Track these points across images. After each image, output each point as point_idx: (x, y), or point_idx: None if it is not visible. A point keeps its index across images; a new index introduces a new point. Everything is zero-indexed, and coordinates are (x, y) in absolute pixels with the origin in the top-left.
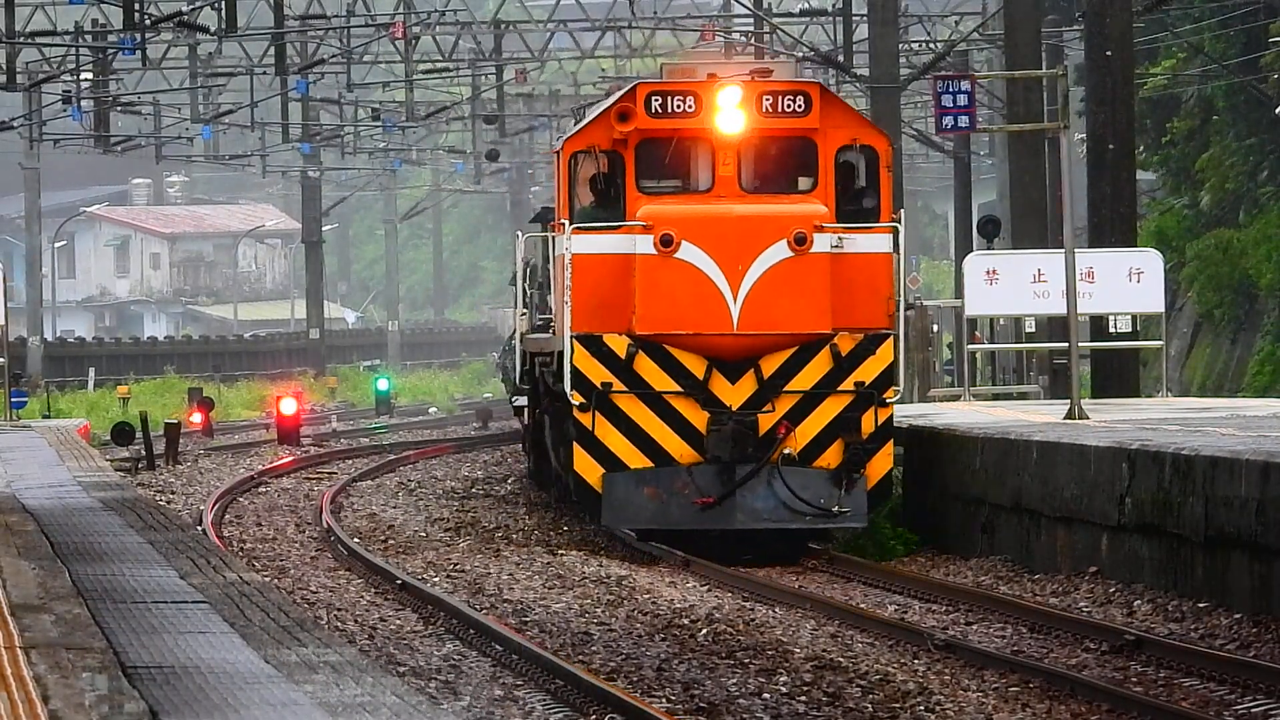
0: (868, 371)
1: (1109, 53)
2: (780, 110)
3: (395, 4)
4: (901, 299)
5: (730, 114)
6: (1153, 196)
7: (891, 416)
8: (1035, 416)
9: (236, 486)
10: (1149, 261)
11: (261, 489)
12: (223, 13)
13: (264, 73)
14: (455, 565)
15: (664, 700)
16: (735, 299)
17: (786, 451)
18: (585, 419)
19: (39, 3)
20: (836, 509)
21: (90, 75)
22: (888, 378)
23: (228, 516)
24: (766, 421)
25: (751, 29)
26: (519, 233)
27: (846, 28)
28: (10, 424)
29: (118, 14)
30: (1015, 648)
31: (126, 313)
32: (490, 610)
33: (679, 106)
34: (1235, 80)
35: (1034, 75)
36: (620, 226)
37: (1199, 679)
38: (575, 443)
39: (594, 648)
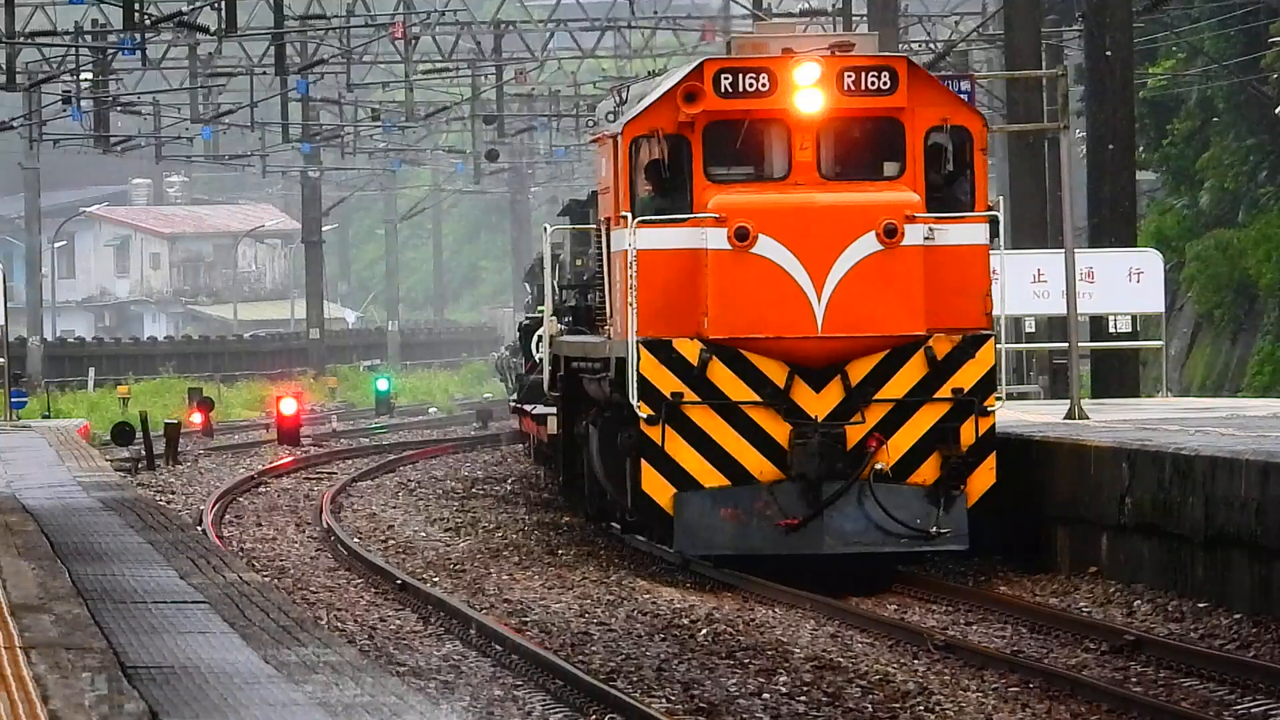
0: (966, 377)
1: (1109, 53)
2: (863, 88)
3: (395, 4)
4: (1003, 297)
5: (808, 93)
6: (1153, 196)
7: (994, 427)
8: (1035, 416)
9: (236, 487)
10: (1149, 261)
11: (261, 489)
12: (223, 13)
13: (264, 73)
14: (455, 565)
15: (664, 700)
16: (819, 298)
17: (878, 467)
18: (654, 433)
19: (39, 3)
20: (934, 530)
21: (90, 75)
22: (988, 383)
23: (228, 516)
24: (855, 434)
25: (752, 29)
26: (546, 226)
27: (846, 28)
28: (10, 424)
29: (118, 14)
30: (1015, 648)
31: (126, 313)
32: (490, 610)
33: (751, 85)
34: (1235, 80)
35: (1034, 75)
36: (689, 219)
37: (1199, 679)
38: (642, 459)
39: (594, 648)
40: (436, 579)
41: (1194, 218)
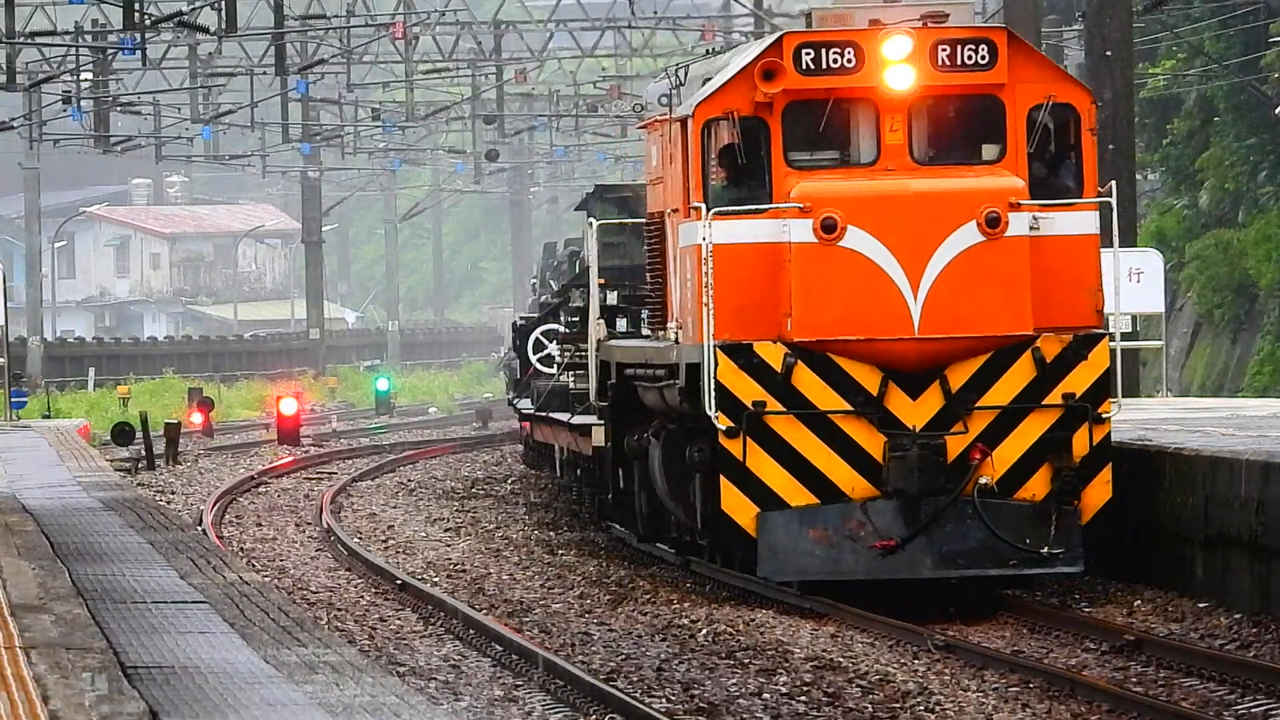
0: (1078, 381)
1: (1109, 53)
2: (959, 63)
3: (395, 4)
4: (1117, 291)
5: (899, 69)
6: (1153, 197)
7: (1109, 435)
8: None
9: (236, 487)
10: (1149, 261)
11: (261, 489)
12: (223, 13)
13: (264, 73)
14: (455, 565)
15: (664, 700)
16: (915, 295)
17: (982, 481)
18: (733, 446)
19: (39, 3)
20: (1046, 550)
21: (90, 75)
22: (1103, 388)
23: (228, 517)
24: (957, 445)
25: (751, 29)
26: (591, 220)
27: None
28: (10, 424)
29: (118, 14)
30: (1015, 648)
31: (126, 313)
32: (490, 610)
33: (836, 61)
34: (1235, 80)
35: None
36: (769, 210)
37: (1199, 679)
38: (721, 476)
39: (594, 648)
40: (436, 579)
41: (1194, 218)
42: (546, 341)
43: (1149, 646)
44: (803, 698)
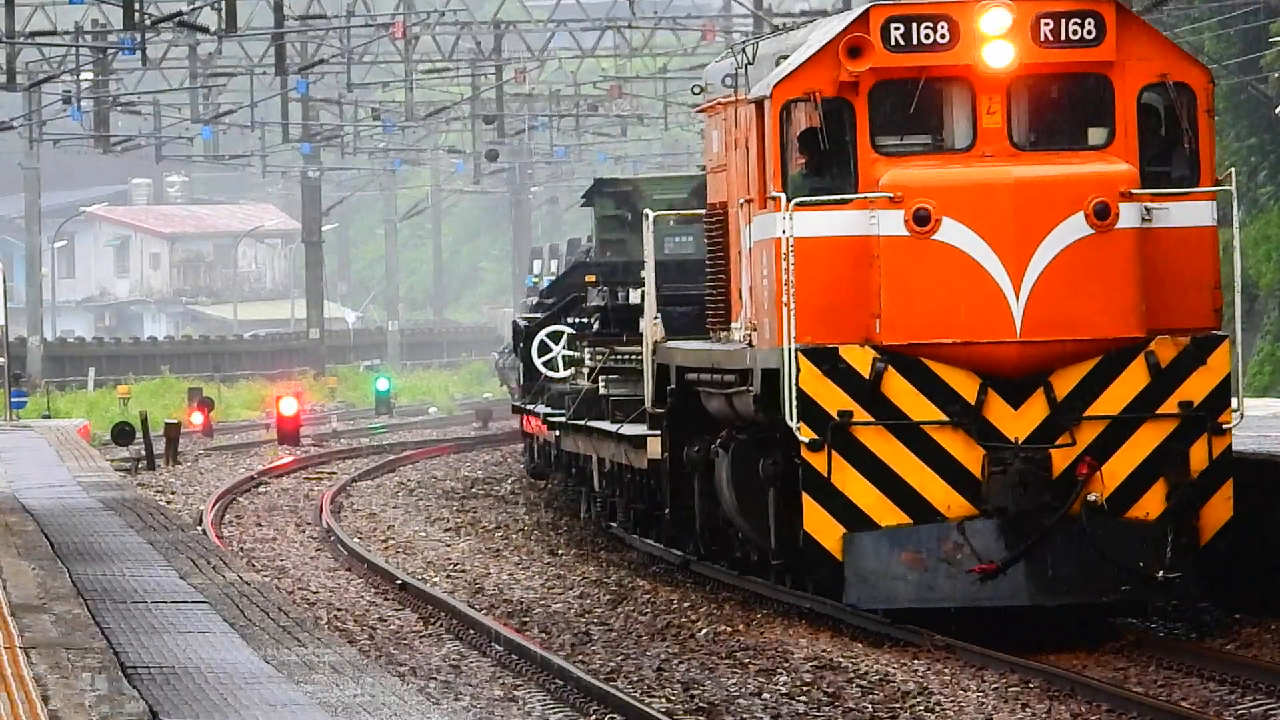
0: (1196, 388)
1: None
2: (1064, 38)
3: (395, 4)
4: (1239, 288)
5: (998, 45)
6: None
7: (1230, 447)
8: None
9: (236, 487)
10: None
11: (261, 489)
12: (223, 13)
13: (264, 73)
14: (455, 565)
15: (664, 700)
16: (1017, 294)
17: (1090, 498)
18: (817, 460)
19: (39, 3)
20: (1161, 574)
21: (90, 75)
22: (1223, 395)
23: (228, 516)
24: (1063, 458)
25: (751, 29)
26: (648, 212)
27: None
28: (10, 424)
29: (118, 14)
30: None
31: (126, 313)
32: (490, 610)
33: (928, 36)
34: (1235, 80)
35: None
36: (856, 200)
37: (1199, 679)
38: (804, 493)
39: (594, 648)
40: (436, 579)
41: None
42: (552, 344)
43: (1149, 646)
44: (803, 698)
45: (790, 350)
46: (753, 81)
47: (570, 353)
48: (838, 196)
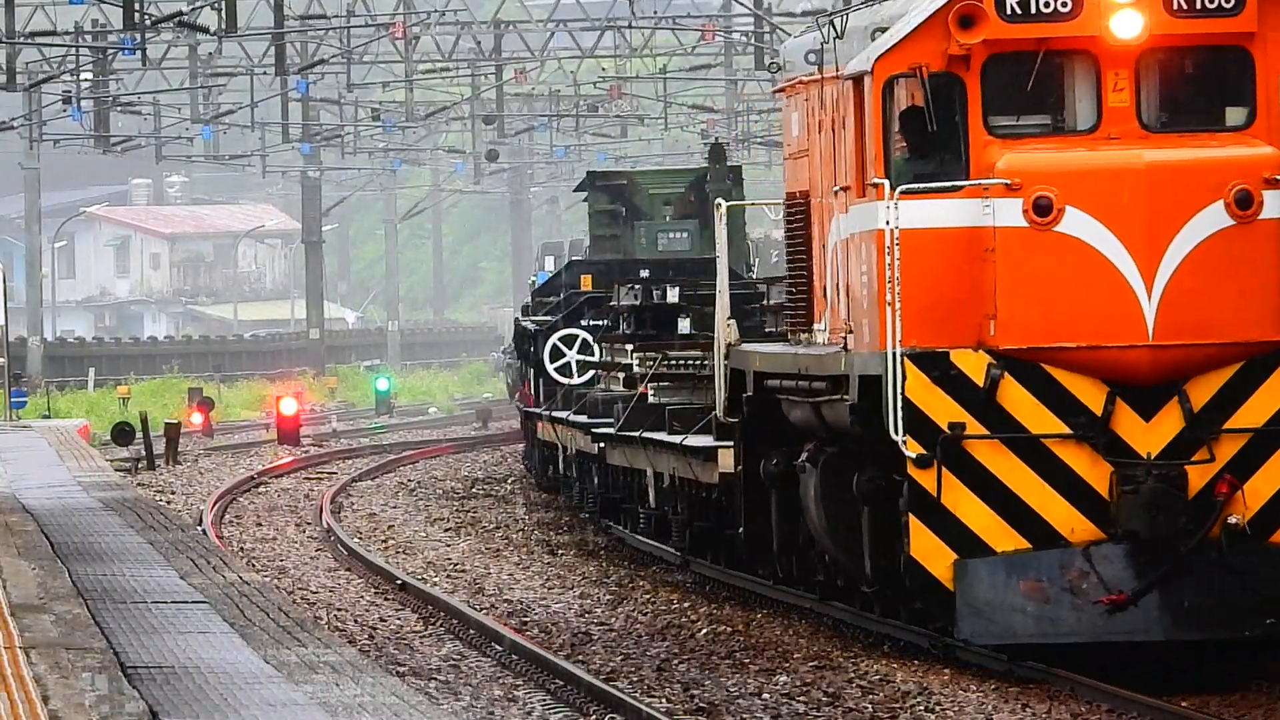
0: None
1: None
2: (1198, 7)
3: (395, 4)
4: None
5: (1126, 14)
6: None
7: None
8: None
9: (236, 486)
10: None
11: (261, 489)
12: (223, 13)
13: (264, 73)
14: (455, 565)
15: (664, 700)
16: (1149, 293)
17: (1231, 521)
18: (925, 478)
19: (39, 3)
20: None
21: (90, 75)
22: None
23: (228, 516)
24: (1200, 476)
25: (751, 29)
26: (720, 201)
27: None
28: (10, 424)
29: (118, 14)
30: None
31: (126, 313)
32: (490, 610)
33: (1048, 4)
34: None
35: None
36: (967, 187)
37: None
38: (910, 514)
39: (594, 648)
40: (436, 579)
41: None
42: (565, 348)
43: (1148, 646)
44: (803, 698)
45: (895, 355)
46: (842, 58)
47: (584, 357)
48: (947, 183)
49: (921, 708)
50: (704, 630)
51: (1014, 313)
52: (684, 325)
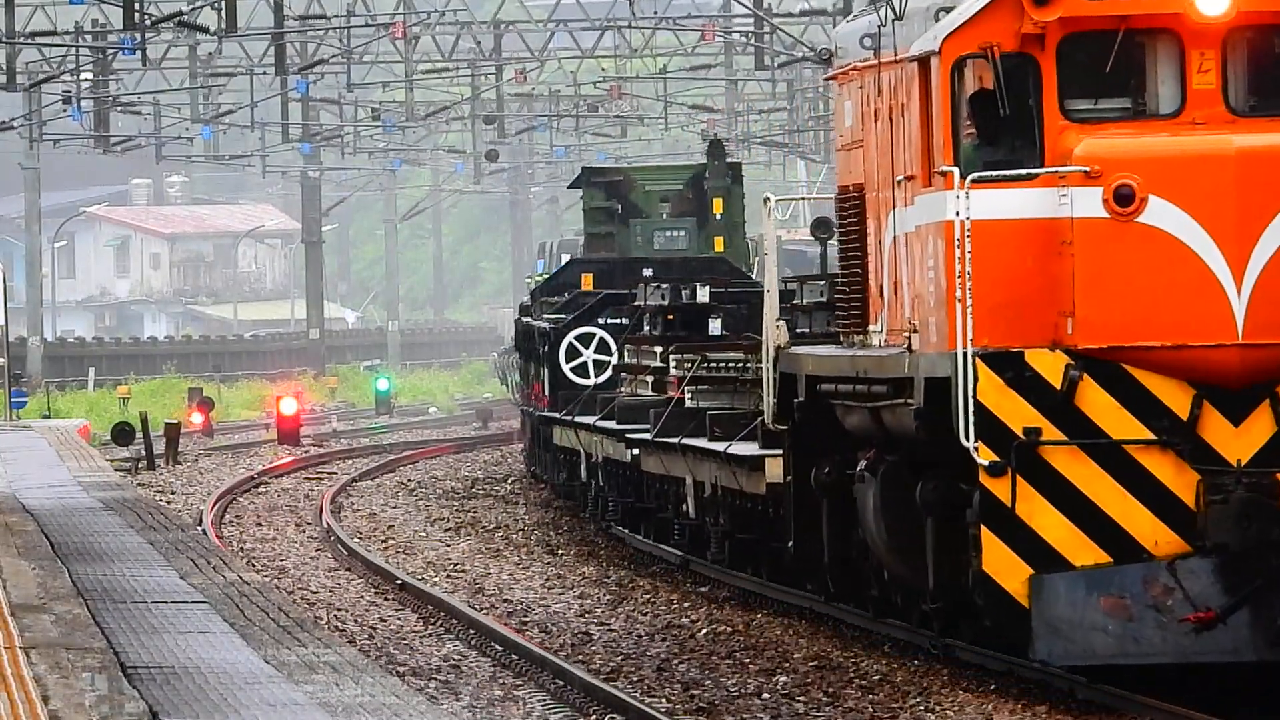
0: None
1: None
2: None
3: (395, 4)
4: None
5: None
6: None
7: None
8: None
9: (236, 487)
10: None
11: (261, 489)
12: (223, 13)
13: (264, 73)
14: (455, 565)
15: (664, 700)
16: (1239, 288)
17: None
18: (999, 487)
19: (39, 3)
20: None
21: (90, 75)
22: None
23: (228, 516)
24: None
25: (751, 29)
26: (769, 195)
27: None
28: (10, 424)
29: (118, 14)
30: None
31: (126, 313)
32: (490, 610)
33: None
34: None
35: None
36: (1042, 175)
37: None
38: (983, 526)
39: (594, 648)
40: (436, 579)
41: None
42: (582, 348)
43: None
44: (803, 698)
45: (966, 355)
46: (901, 41)
47: (602, 357)
48: (1021, 171)
49: (921, 708)
50: (704, 630)
51: (1093, 310)
52: (715, 326)
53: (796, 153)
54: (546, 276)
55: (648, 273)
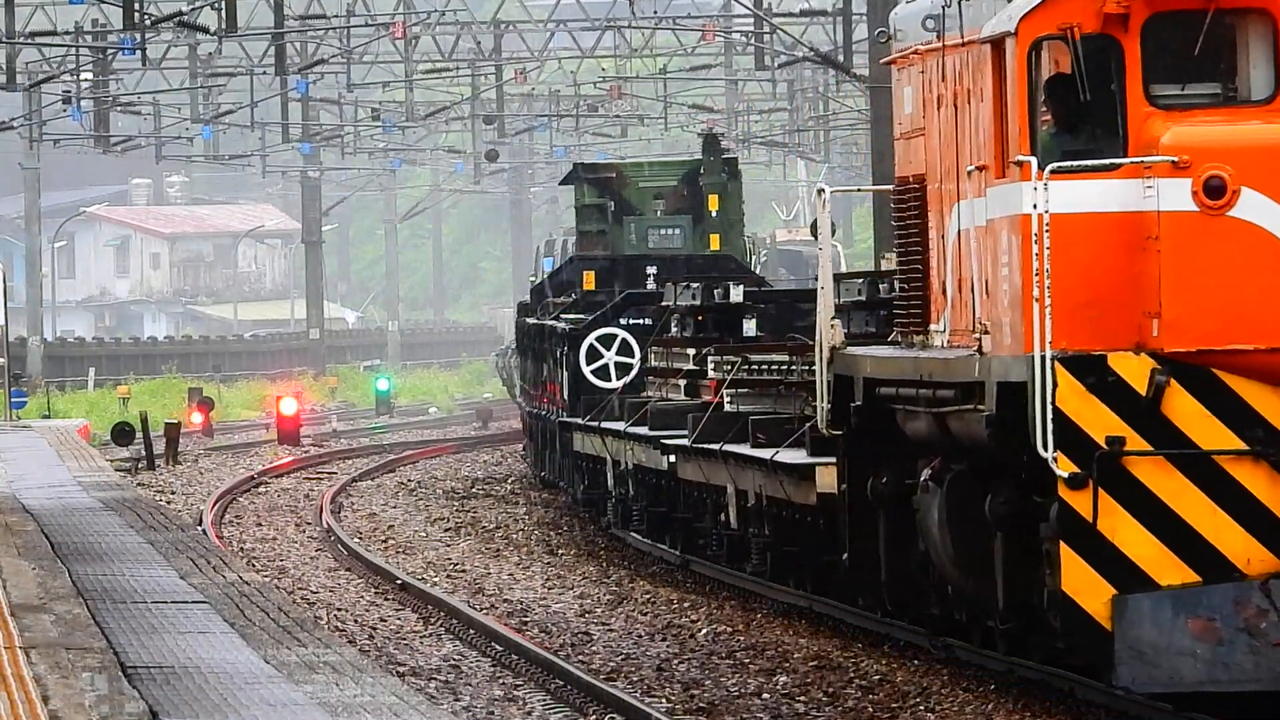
0: None
1: None
2: None
3: (395, 4)
4: None
5: None
6: None
7: None
8: None
9: (236, 486)
10: None
11: (261, 489)
12: (223, 13)
13: (264, 73)
14: (455, 565)
15: (664, 700)
16: None
17: None
18: (1079, 501)
19: (39, 3)
20: None
21: (90, 75)
22: None
23: (228, 516)
24: None
25: (751, 29)
26: (824, 187)
27: (846, 28)
28: (10, 424)
29: (118, 14)
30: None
31: (126, 313)
32: (490, 610)
33: None
34: None
35: None
36: (1125, 165)
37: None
38: (1062, 543)
39: (594, 648)
40: (436, 579)
41: None
42: (603, 349)
43: None
44: (803, 698)
45: (1044, 359)
46: (968, 22)
47: (624, 359)
48: (1103, 161)
49: (921, 708)
50: (704, 630)
51: (1181, 310)
52: (749, 327)
53: (796, 153)
54: (548, 274)
55: (652, 271)
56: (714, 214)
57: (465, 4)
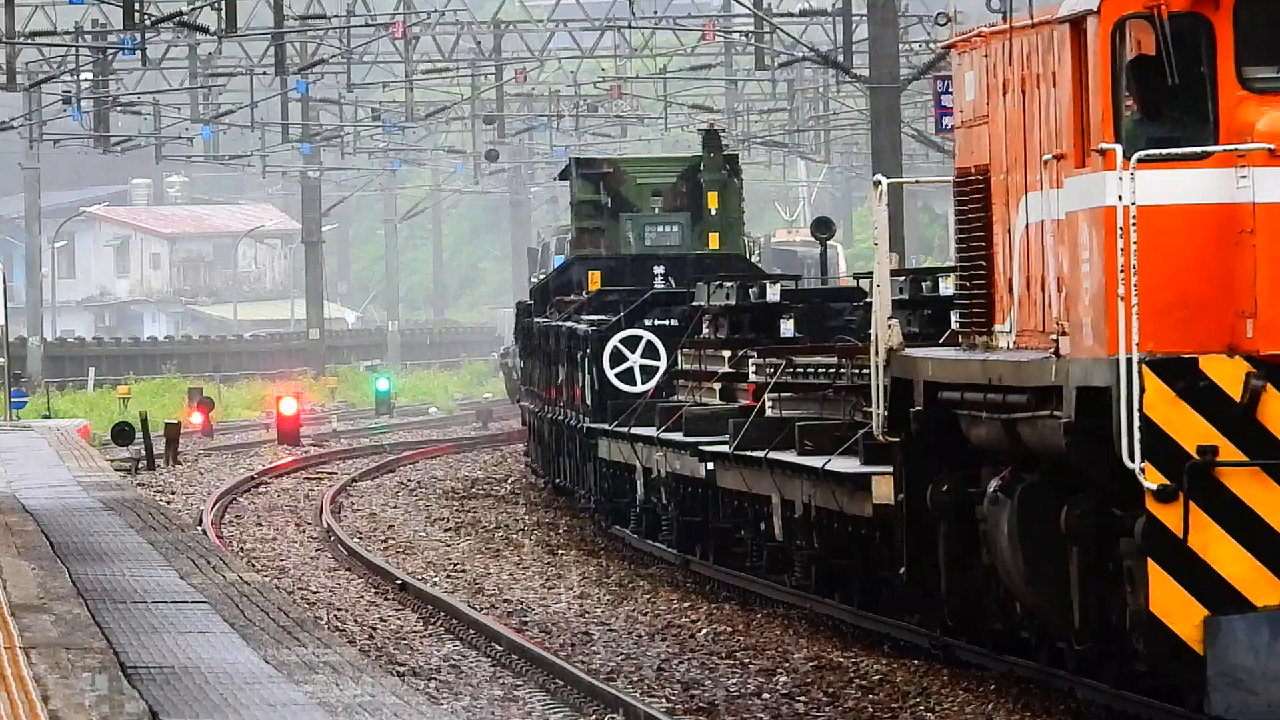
0: None
1: None
2: None
3: (395, 4)
4: None
5: None
6: None
7: None
8: None
9: (236, 487)
10: None
11: (261, 489)
12: (223, 13)
13: (264, 73)
14: (455, 565)
15: (664, 700)
16: None
17: None
18: (1169, 515)
19: (39, 3)
20: None
21: (90, 75)
22: None
23: (228, 516)
24: None
25: (751, 29)
26: (880, 177)
27: (846, 28)
28: (10, 424)
29: (118, 14)
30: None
31: (126, 313)
32: (490, 610)
33: None
34: None
35: None
36: (1217, 153)
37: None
38: (1150, 560)
39: (594, 648)
40: (436, 579)
41: None
42: (628, 351)
43: None
44: (803, 698)
45: (1131, 362)
46: (1039, 2)
47: (650, 361)
48: (1194, 150)
49: (921, 708)
50: (704, 630)
51: (1278, 309)
52: (787, 327)
53: (796, 153)
54: (552, 273)
55: (660, 270)
56: (713, 212)
57: (465, 4)
